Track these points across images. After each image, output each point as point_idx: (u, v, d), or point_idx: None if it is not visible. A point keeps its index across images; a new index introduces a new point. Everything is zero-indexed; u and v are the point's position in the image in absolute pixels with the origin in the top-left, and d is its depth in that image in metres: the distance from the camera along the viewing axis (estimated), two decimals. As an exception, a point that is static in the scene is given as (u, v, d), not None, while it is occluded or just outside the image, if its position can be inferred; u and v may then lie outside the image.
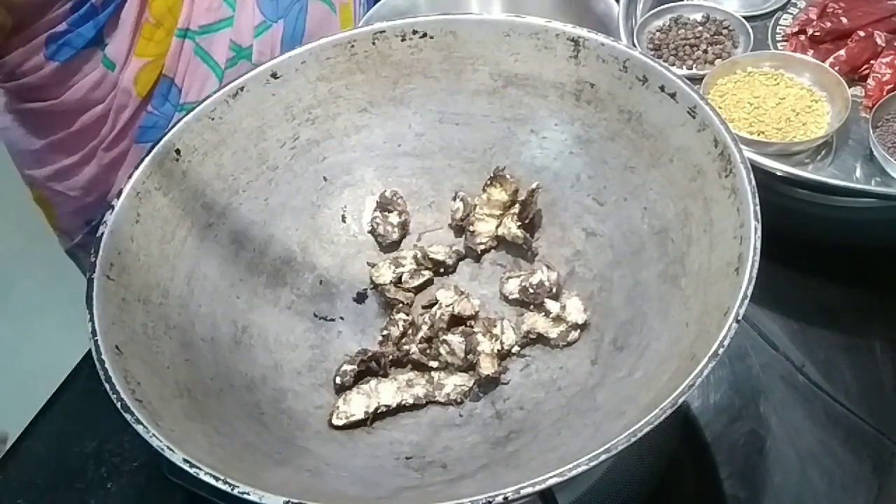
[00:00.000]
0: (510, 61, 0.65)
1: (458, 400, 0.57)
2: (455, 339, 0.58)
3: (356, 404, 0.56)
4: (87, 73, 0.80)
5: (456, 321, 0.61)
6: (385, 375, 0.59)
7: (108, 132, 0.83)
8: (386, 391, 0.57)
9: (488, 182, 0.64)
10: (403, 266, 0.63)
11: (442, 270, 0.65)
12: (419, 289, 0.64)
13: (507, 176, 0.64)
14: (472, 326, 0.60)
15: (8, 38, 0.75)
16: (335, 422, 0.56)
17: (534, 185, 0.63)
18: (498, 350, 0.58)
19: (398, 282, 0.63)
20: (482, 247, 0.65)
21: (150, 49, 0.82)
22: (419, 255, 0.64)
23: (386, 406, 0.56)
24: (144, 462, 0.66)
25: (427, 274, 0.64)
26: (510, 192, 0.64)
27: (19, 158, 0.89)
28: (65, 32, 0.76)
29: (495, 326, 0.59)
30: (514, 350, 0.59)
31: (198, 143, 0.61)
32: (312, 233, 0.66)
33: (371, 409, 0.56)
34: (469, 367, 0.58)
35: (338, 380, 0.58)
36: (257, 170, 0.64)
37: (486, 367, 0.57)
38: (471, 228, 0.65)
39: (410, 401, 0.57)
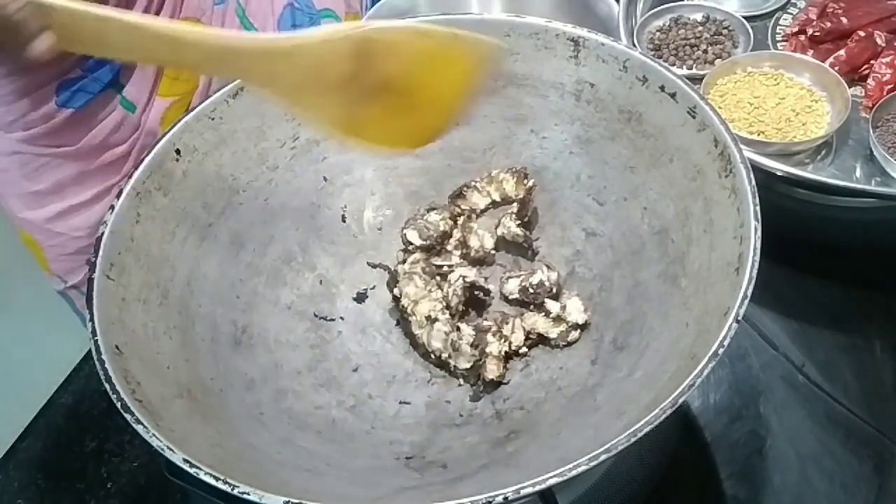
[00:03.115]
0: (510, 61, 0.65)
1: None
2: (467, 331, 0.58)
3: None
4: (105, 117, 0.77)
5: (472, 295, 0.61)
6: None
7: (130, 168, 0.80)
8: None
9: (507, 170, 0.64)
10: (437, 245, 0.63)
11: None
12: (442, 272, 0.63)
13: (526, 180, 0.63)
14: (484, 317, 0.60)
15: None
16: None
17: (530, 183, 0.63)
18: (505, 352, 0.58)
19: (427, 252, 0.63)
20: (463, 213, 0.65)
21: (175, 88, 0.80)
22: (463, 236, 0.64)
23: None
24: (144, 462, 0.66)
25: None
26: (518, 191, 0.64)
27: (13, 201, 0.83)
28: (78, 78, 0.74)
29: (507, 324, 0.59)
30: (520, 350, 0.59)
31: (198, 143, 0.61)
32: (312, 233, 0.66)
33: None
34: (474, 367, 0.58)
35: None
36: (257, 170, 0.64)
37: (492, 370, 0.57)
38: (464, 193, 0.65)
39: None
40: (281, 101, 0.52)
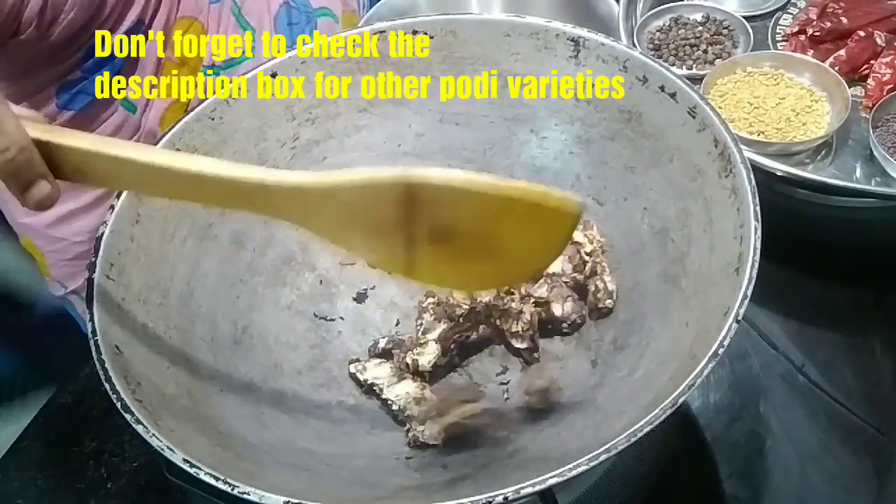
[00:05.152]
0: (510, 61, 0.65)
1: None
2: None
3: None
4: (106, 119, 0.77)
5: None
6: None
7: None
8: None
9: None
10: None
11: None
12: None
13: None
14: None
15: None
16: None
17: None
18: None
19: None
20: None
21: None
22: None
23: None
24: (144, 462, 0.66)
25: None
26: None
27: (13, 206, 0.82)
28: (79, 80, 0.74)
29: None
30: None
31: (198, 143, 0.61)
32: (312, 233, 0.66)
33: None
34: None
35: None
36: (257, 170, 0.64)
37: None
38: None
39: None
40: (322, 238, 0.46)
